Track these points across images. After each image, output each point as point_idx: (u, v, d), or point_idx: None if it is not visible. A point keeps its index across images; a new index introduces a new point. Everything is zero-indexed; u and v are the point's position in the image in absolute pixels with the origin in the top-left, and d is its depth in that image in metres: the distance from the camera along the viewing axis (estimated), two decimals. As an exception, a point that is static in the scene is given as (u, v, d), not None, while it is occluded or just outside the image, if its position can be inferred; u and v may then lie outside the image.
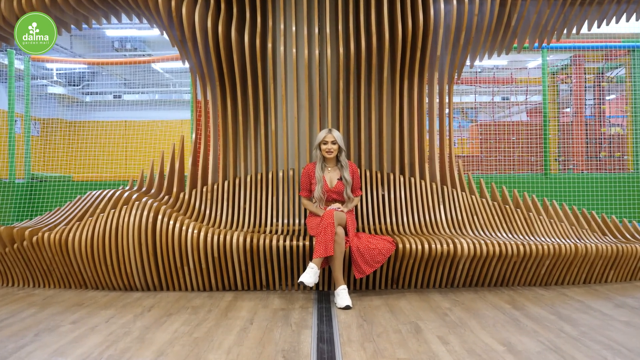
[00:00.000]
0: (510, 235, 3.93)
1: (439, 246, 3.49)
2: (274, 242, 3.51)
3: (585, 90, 8.53)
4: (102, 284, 3.68)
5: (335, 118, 4.30)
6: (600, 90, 8.80)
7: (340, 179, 3.75)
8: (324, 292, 3.61)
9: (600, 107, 8.61)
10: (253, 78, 4.15)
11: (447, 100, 4.42)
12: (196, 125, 4.47)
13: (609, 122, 8.73)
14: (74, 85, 14.84)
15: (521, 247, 3.56)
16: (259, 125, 4.28)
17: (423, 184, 4.22)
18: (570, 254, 3.66)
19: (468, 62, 4.60)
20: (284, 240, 3.54)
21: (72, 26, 4.56)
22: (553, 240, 3.87)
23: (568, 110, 8.93)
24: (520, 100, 10.97)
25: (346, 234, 3.50)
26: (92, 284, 3.71)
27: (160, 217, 3.58)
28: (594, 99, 8.92)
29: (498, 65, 14.64)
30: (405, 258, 3.50)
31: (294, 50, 4.09)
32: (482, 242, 3.56)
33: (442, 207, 4.15)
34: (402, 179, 4.22)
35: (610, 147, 8.36)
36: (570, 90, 8.88)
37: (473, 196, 4.27)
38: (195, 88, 4.48)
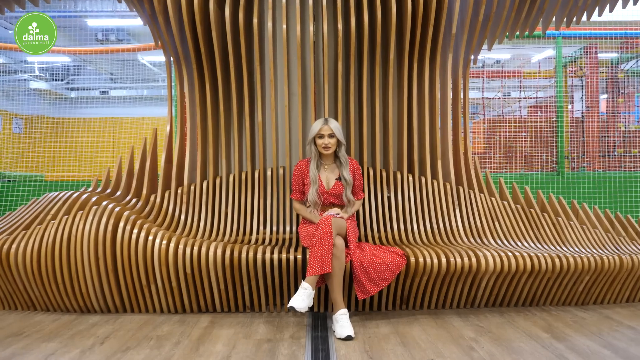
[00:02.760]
0: (539, 245, 3.33)
1: (458, 260, 2.88)
2: (260, 254, 2.90)
3: (598, 84, 7.95)
4: (52, 305, 3.06)
5: (332, 107, 3.69)
6: (614, 84, 8.23)
7: (339, 178, 3.14)
8: (319, 315, 3.01)
9: (614, 102, 8.04)
10: (236, 60, 3.53)
11: (462, 88, 3.82)
12: (170, 118, 3.85)
13: (625, 118, 8.15)
14: (58, 80, 14.19)
15: (557, 261, 2.97)
16: (244, 116, 3.66)
17: (435, 184, 3.62)
18: (614, 267, 3.07)
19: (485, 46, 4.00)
20: (272, 253, 2.93)
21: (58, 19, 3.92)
22: (589, 250, 3.28)
23: (580, 105, 8.35)
24: (523, 95, 10.38)
25: (346, 245, 2.89)
26: (41, 305, 3.09)
27: (121, 224, 2.96)
28: (608, 92, 8.36)
29: (500, 59, 14.08)
30: (418, 274, 2.89)
31: (284, 27, 3.47)
32: (510, 254, 2.95)
33: (458, 211, 3.55)
34: (410, 178, 3.62)
35: (625, 143, 7.79)
36: (582, 84, 8.30)
37: (493, 198, 3.67)
38: (170, 73, 3.85)
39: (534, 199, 3.76)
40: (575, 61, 8.00)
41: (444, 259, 2.88)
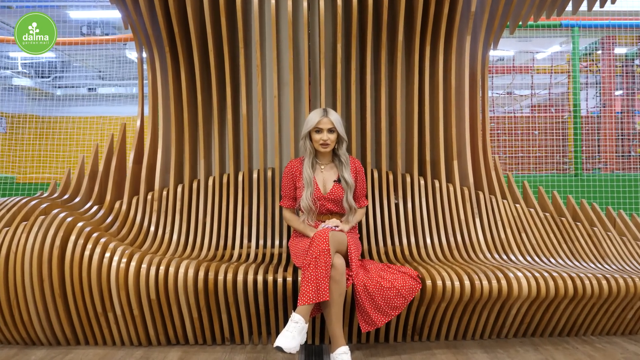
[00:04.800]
0: (576, 262, 2.81)
1: (485, 283, 2.35)
2: (241, 275, 2.37)
3: (615, 79, 7.46)
4: (-11, 336, 2.51)
5: (330, 98, 3.16)
6: (630, 80, 7.73)
7: (338, 180, 2.61)
8: (314, 349, 2.47)
9: (631, 99, 7.54)
10: (216, 42, 3.00)
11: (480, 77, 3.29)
12: (141, 111, 3.31)
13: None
14: (43, 77, 13.61)
15: (604, 283, 2.43)
16: (226, 109, 3.12)
17: (451, 188, 3.08)
18: (670, 291, 2.53)
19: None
20: (256, 273, 2.39)
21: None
22: (635, 268, 2.76)
23: (594, 102, 7.85)
24: (526, 93, 9.84)
25: (347, 265, 2.36)
26: (-24, 336, 2.54)
27: (72, 238, 2.41)
28: (623, 89, 7.85)
29: (503, 56, 13.59)
30: (435, 301, 2.36)
31: (273, 2, 2.93)
32: (547, 275, 2.42)
33: (478, 221, 3.02)
34: (422, 182, 3.09)
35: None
36: (597, 80, 7.80)
37: (517, 205, 3.15)
38: (141, 59, 3.31)
39: (563, 205, 3.24)
40: (590, 54, 7.49)
41: (467, 282, 2.34)
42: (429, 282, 2.34)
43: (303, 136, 2.60)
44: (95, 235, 2.49)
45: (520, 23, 3.45)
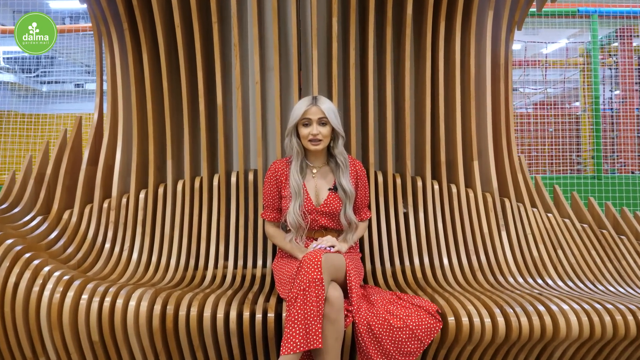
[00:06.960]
0: (628, 289, 2.30)
1: (523, 320, 1.82)
2: (209, 310, 1.84)
3: (634, 73, 6.97)
4: None
5: (324, 86, 2.65)
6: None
7: (334, 188, 2.08)
8: (303, 403, 1.94)
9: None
10: (184, 16, 2.47)
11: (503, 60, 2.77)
12: (100, 103, 2.79)
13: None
14: (28, 72, 13.08)
15: (673, 319, 1.91)
16: (198, 98, 2.59)
17: (471, 195, 2.56)
18: None
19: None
20: (228, 306, 1.88)
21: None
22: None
23: (610, 98, 7.37)
24: (535, 89, 9.37)
25: (346, 296, 1.83)
26: None
27: (-6, 262, 1.88)
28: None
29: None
30: (460, 343, 1.83)
31: (254, -34, 2.40)
32: (600, 308, 1.90)
33: (504, 234, 2.49)
34: (436, 187, 2.56)
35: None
36: (612, 74, 7.31)
37: (550, 215, 2.63)
38: (98, 40, 2.79)
39: (602, 213, 2.73)
40: (608, 44, 7.00)
41: (500, 319, 1.82)
42: (451, 320, 1.81)
43: (288, 132, 2.07)
44: (26, 256, 1.96)
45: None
